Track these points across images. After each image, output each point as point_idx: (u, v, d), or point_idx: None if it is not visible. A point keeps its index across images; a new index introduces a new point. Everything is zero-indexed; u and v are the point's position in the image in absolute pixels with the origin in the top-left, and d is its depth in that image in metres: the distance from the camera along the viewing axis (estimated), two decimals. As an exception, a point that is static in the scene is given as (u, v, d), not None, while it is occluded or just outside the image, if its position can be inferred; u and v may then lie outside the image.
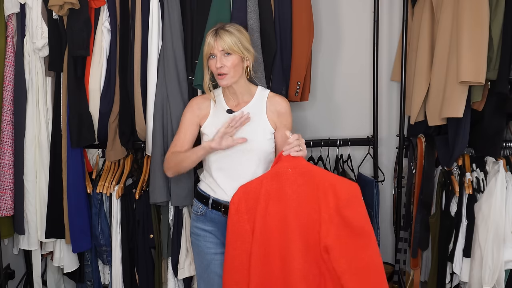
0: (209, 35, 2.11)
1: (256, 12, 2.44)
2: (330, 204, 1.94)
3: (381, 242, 2.76)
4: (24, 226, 2.68)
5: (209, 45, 2.10)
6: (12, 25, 2.60)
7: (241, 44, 2.08)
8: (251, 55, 2.14)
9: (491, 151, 2.55)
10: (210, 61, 2.12)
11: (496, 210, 2.39)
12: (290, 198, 1.97)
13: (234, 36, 2.07)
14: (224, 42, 2.06)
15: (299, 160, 1.99)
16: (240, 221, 1.99)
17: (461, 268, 2.53)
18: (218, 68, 2.08)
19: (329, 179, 1.98)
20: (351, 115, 2.99)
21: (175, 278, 2.68)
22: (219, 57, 2.08)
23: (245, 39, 2.12)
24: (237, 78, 2.13)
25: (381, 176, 2.88)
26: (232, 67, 2.08)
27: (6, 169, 2.62)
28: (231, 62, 2.08)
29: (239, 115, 2.08)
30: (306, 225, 1.96)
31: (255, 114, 2.15)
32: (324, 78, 2.95)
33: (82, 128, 2.58)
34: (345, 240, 1.93)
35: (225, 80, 2.10)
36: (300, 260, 1.95)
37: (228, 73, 2.09)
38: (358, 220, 1.93)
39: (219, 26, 2.12)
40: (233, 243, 2.00)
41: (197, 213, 2.22)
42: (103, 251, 2.72)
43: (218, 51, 2.08)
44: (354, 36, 2.93)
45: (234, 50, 2.07)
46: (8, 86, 2.60)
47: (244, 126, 2.12)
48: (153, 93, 2.52)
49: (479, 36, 2.33)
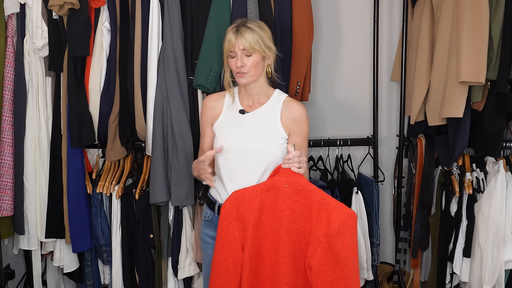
0: (230, 31, 2.03)
1: (256, 12, 2.44)
2: (321, 229, 1.89)
3: (381, 242, 2.76)
4: (24, 226, 2.68)
5: (230, 43, 2.02)
6: (12, 25, 2.60)
7: (262, 42, 2.01)
8: (272, 53, 2.06)
9: (491, 151, 2.55)
10: (230, 59, 2.05)
11: (496, 210, 2.39)
12: (283, 213, 1.93)
13: (255, 34, 2.00)
14: (246, 41, 1.98)
15: (297, 176, 1.92)
16: (229, 227, 1.96)
17: (461, 268, 2.53)
18: (238, 67, 2.01)
19: (326, 204, 1.90)
20: (351, 115, 2.98)
21: (175, 278, 2.68)
22: (240, 56, 2.01)
23: (267, 36, 2.04)
24: (257, 77, 2.06)
25: (381, 176, 2.88)
26: (252, 66, 2.01)
27: (6, 169, 2.62)
28: (251, 61, 2.01)
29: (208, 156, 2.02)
30: (296, 242, 1.93)
31: (269, 117, 2.08)
32: (324, 78, 2.95)
33: (82, 128, 2.58)
34: (328, 266, 1.88)
35: (245, 78, 2.03)
36: (288, 274, 1.93)
37: (248, 72, 2.02)
38: (344, 252, 1.85)
39: (240, 23, 2.03)
40: (221, 247, 1.98)
41: (205, 218, 2.19)
42: (103, 251, 2.72)
43: (239, 49, 2.00)
44: (354, 36, 2.93)
45: (256, 49, 1.99)
46: (8, 86, 2.60)
47: (255, 129, 2.06)
48: (153, 93, 2.52)
49: (479, 36, 2.33)
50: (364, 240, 2.63)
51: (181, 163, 2.48)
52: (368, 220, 2.65)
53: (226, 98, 2.17)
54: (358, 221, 2.62)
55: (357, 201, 2.63)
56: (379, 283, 2.91)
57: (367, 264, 2.64)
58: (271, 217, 1.94)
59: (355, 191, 2.63)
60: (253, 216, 1.94)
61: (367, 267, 2.64)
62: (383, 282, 2.98)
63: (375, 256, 2.68)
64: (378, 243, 2.69)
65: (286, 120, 2.08)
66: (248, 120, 2.09)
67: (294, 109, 2.09)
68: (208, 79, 2.41)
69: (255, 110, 2.10)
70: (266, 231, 1.95)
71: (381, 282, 2.95)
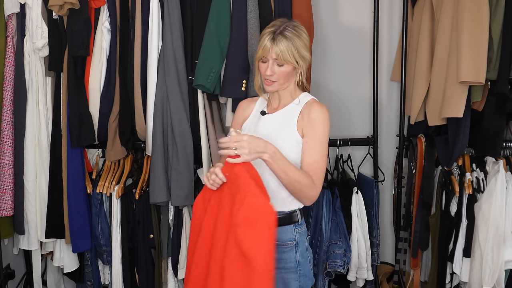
0: (265, 35, 1.93)
1: (256, 12, 2.44)
2: (232, 215, 1.74)
3: (381, 242, 2.76)
4: (24, 226, 2.68)
5: (264, 49, 1.92)
6: (12, 25, 2.61)
7: (297, 52, 1.92)
8: (305, 62, 1.97)
9: (491, 151, 2.55)
10: (261, 63, 1.97)
11: (496, 210, 2.39)
12: (223, 206, 1.83)
13: (291, 43, 1.90)
14: (280, 51, 1.89)
15: (236, 165, 1.77)
16: (194, 218, 1.94)
17: (461, 268, 2.53)
18: (268, 75, 1.94)
19: (248, 191, 1.72)
20: (351, 115, 2.98)
21: (175, 278, 2.68)
22: (271, 64, 1.92)
23: (303, 45, 1.95)
24: (286, 86, 2.00)
25: (381, 176, 2.88)
26: (282, 76, 1.94)
27: (6, 169, 2.62)
28: (282, 71, 1.93)
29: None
30: (222, 230, 1.81)
31: (286, 119, 1.99)
32: (324, 78, 2.95)
33: (82, 128, 2.58)
34: (234, 259, 1.71)
35: (272, 87, 1.96)
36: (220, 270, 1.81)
37: (277, 80, 1.95)
38: (248, 245, 1.67)
39: (278, 28, 1.92)
40: (192, 236, 1.96)
41: None
42: (103, 251, 2.72)
43: (271, 57, 1.92)
44: (354, 36, 2.93)
45: (288, 61, 1.91)
46: (8, 86, 2.60)
47: (269, 132, 1.98)
48: (153, 93, 2.52)
49: (479, 36, 2.33)
50: (364, 240, 2.63)
51: (181, 163, 2.48)
52: (368, 220, 2.66)
53: (258, 101, 2.13)
54: (358, 221, 2.62)
55: (357, 201, 2.64)
56: (379, 283, 2.91)
57: (367, 264, 2.64)
58: (215, 211, 1.86)
59: (355, 191, 2.63)
60: (206, 211, 1.88)
61: (367, 267, 2.64)
62: (383, 282, 2.98)
63: (375, 256, 2.68)
64: (378, 243, 2.70)
65: (303, 121, 1.97)
66: (264, 122, 2.04)
67: (313, 110, 1.97)
68: (208, 79, 2.41)
69: (275, 113, 2.04)
70: (208, 225, 1.87)
71: (381, 282, 2.95)
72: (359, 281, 2.70)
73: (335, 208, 2.60)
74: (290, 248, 1.98)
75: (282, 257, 1.97)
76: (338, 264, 2.54)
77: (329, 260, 2.56)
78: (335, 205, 2.60)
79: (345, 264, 2.56)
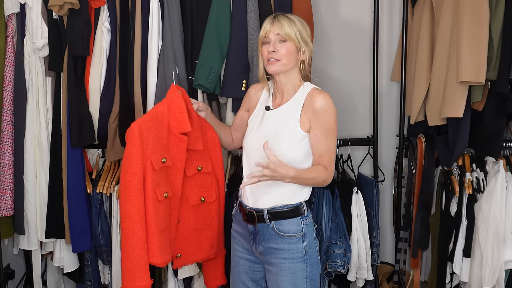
0: (266, 20, 1.95)
1: (256, 12, 2.44)
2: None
3: (381, 242, 2.76)
4: (24, 226, 2.67)
5: (264, 29, 1.92)
6: (12, 25, 2.60)
7: (299, 33, 1.91)
8: (308, 49, 1.95)
9: (491, 151, 2.55)
10: (263, 46, 1.94)
11: (496, 210, 2.39)
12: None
13: (293, 24, 1.91)
14: (282, 26, 1.89)
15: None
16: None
17: (461, 268, 2.53)
18: (270, 52, 1.90)
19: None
20: (351, 115, 2.98)
21: (175, 278, 2.68)
22: (273, 41, 1.90)
23: (306, 32, 1.95)
24: (288, 69, 1.94)
25: (381, 176, 2.88)
26: (285, 55, 1.90)
27: (6, 169, 2.62)
28: (285, 49, 1.90)
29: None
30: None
31: (289, 114, 1.97)
32: (324, 77, 2.95)
33: (82, 128, 2.58)
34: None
35: (275, 66, 1.92)
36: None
37: (280, 59, 1.90)
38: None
39: (279, 13, 1.96)
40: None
41: (233, 213, 2.21)
42: (103, 251, 2.72)
43: (273, 35, 1.90)
44: (354, 36, 2.93)
45: (291, 38, 1.89)
46: (8, 86, 2.60)
47: (272, 129, 1.97)
48: (153, 93, 2.52)
49: (479, 36, 2.33)
50: (364, 240, 2.63)
51: (181, 163, 2.48)
52: (368, 220, 2.65)
53: (264, 92, 2.10)
54: (358, 221, 2.62)
55: (357, 201, 2.63)
56: (379, 283, 2.91)
57: (367, 264, 2.64)
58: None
59: (355, 191, 2.63)
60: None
61: (367, 267, 2.64)
62: (383, 282, 2.98)
63: (375, 256, 2.68)
64: (378, 243, 2.69)
65: (307, 114, 1.93)
66: (268, 118, 2.03)
67: (315, 100, 1.93)
68: (208, 79, 2.41)
69: (279, 108, 2.01)
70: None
71: (381, 282, 2.96)
72: (359, 281, 2.70)
73: (335, 208, 2.60)
74: (298, 239, 1.99)
75: (290, 248, 1.99)
76: (338, 264, 2.54)
77: (329, 260, 2.56)
78: (335, 205, 2.60)
79: (345, 264, 2.55)
